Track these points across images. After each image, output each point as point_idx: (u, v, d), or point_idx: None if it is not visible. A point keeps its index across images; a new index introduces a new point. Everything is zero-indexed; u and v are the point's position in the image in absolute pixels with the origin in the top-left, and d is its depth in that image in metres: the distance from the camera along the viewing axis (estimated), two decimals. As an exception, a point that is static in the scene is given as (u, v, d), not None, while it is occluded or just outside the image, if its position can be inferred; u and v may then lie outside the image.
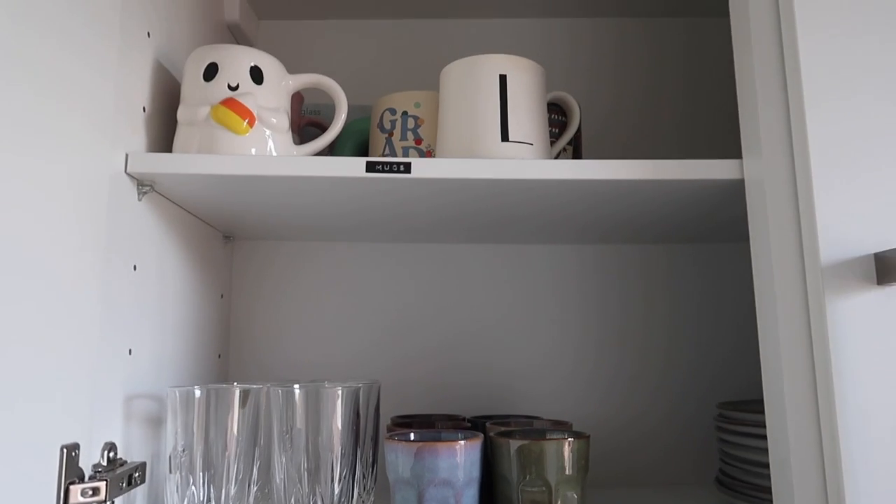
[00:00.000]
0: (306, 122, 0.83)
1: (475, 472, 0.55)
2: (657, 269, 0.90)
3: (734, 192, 0.62)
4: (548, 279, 0.90)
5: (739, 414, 0.66)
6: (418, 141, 0.72)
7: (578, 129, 0.76)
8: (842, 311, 0.49)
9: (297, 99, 0.80)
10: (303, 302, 0.89)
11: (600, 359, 0.88)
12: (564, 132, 0.73)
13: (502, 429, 0.63)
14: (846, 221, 0.50)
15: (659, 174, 0.59)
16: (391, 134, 0.73)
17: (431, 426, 0.72)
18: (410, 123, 0.73)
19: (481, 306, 0.89)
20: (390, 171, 0.60)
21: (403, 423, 0.72)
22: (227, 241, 0.87)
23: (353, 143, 0.80)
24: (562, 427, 0.68)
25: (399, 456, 0.55)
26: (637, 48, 0.95)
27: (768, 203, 0.53)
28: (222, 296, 0.85)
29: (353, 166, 0.60)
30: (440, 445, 0.55)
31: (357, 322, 0.89)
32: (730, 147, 0.57)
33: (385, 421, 0.83)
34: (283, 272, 0.90)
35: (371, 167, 0.60)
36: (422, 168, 0.60)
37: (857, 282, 0.49)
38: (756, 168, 0.56)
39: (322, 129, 0.80)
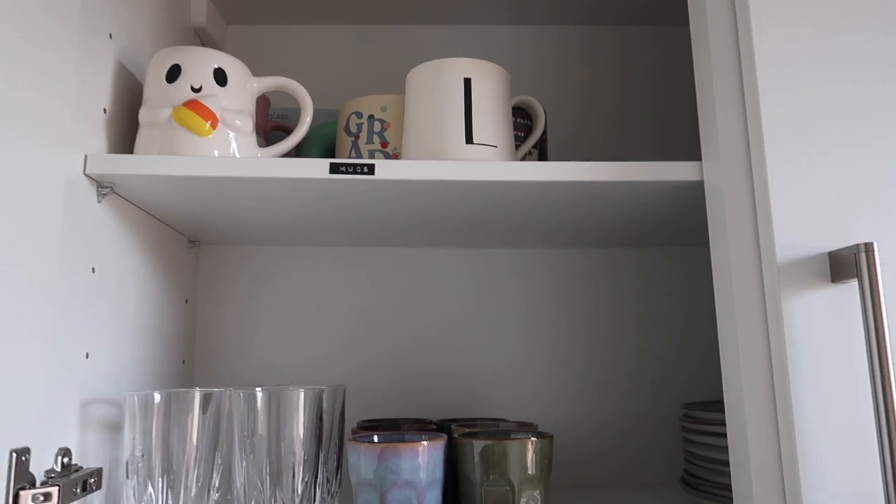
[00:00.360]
0: (273, 126, 0.82)
1: (438, 473, 0.55)
2: (627, 273, 0.91)
3: (697, 195, 0.63)
4: (516, 283, 0.90)
5: (701, 413, 0.67)
6: (384, 144, 0.72)
7: (544, 133, 0.77)
8: (797, 308, 0.50)
9: (264, 103, 0.80)
10: (270, 307, 0.88)
11: (570, 363, 0.89)
12: (530, 136, 0.73)
13: (467, 430, 0.63)
14: (801, 221, 0.51)
15: (621, 175, 0.60)
16: (357, 137, 0.73)
17: (397, 430, 0.71)
18: (377, 127, 0.73)
19: (450, 311, 0.89)
20: (354, 172, 0.60)
21: (369, 427, 0.72)
22: (192, 245, 0.86)
23: (320, 146, 0.79)
24: (527, 428, 0.68)
25: (361, 458, 0.55)
26: (605, 55, 0.97)
27: (726, 204, 0.54)
28: (187, 301, 0.84)
29: (316, 168, 0.60)
30: (403, 446, 0.54)
31: (325, 327, 0.88)
32: (698, 153, 0.58)
33: (352, 426, 0.82)
34: (250, 277, 0.89)
35: (335, 168, 0.60)
36: (386, 170, 0.60)
37: (813, 280, 0.50)
38: (714, 170, 0.57)
39: (289, 133, 0.79)
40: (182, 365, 0.83)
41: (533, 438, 0.56)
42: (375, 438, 0.59)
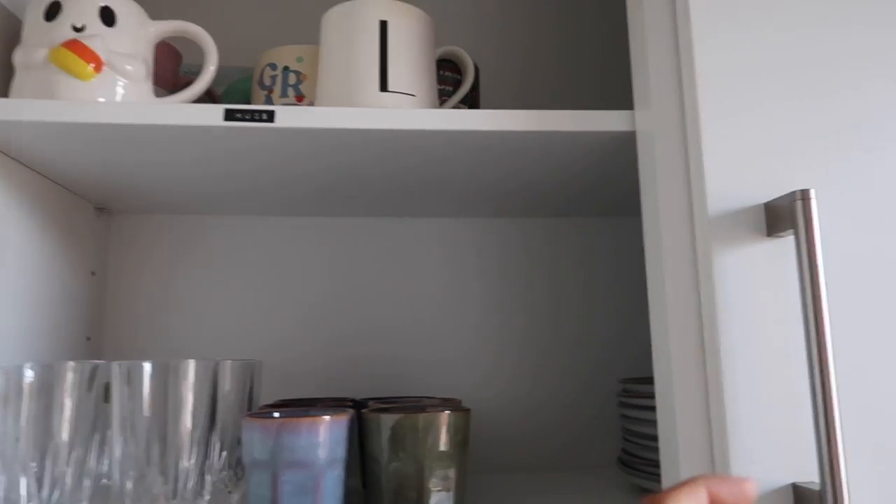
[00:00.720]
0: (184, 82, 0.75)
1: (340, 453, 0.50)
2: (564, 245, 0.86)
3: (631, 150, 0.58)
4: (447, 256, 0.85)
5: (636, 386, 0.62)
6: (300, 98, 0.66)
7: (476, 88, 0.71)
8: (730, 264, 0.45)
9: (174, 56, 0.73)
10: (187, 281, 0.82)
11: (505, 340, 0.83)
12: (458, 90, 0.68)
13: (379, 406, 0.58)
14: (735, 171, 0.47)
15: (546, 125, 0.55)
16: (271, 91, 0.67)
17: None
18: (292, 79, 0.67)
19: (378, 285, 0.84)
20: (251, 119, 0.54)
21: (281, 406, 0.66)
22: (100, 213, 0.79)
23: (237, 104, 0.73)
24: (449, 405, 0.62)
25: (255, 435, 0.49)
26: (546, 12, 0.91)
27: (657, 153, 0.50)
28: (93, 273, 0.77)
29: (209, 114, 0.54)
30: (301, 422, 0.49)
31: (245, 303, 0.82)
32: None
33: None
34: (166, 249, 0.82)
35: (230, 115, 0.54)
36: (286, 117, 0.54)
37: (747, 233, 0.46)
38: (646, 118, 0.52)
39: (205, 92, 0.73)
40: (87, 342, 0.76)
41: (445, 412, 0.51)
42: (275, 415, 0.54)
